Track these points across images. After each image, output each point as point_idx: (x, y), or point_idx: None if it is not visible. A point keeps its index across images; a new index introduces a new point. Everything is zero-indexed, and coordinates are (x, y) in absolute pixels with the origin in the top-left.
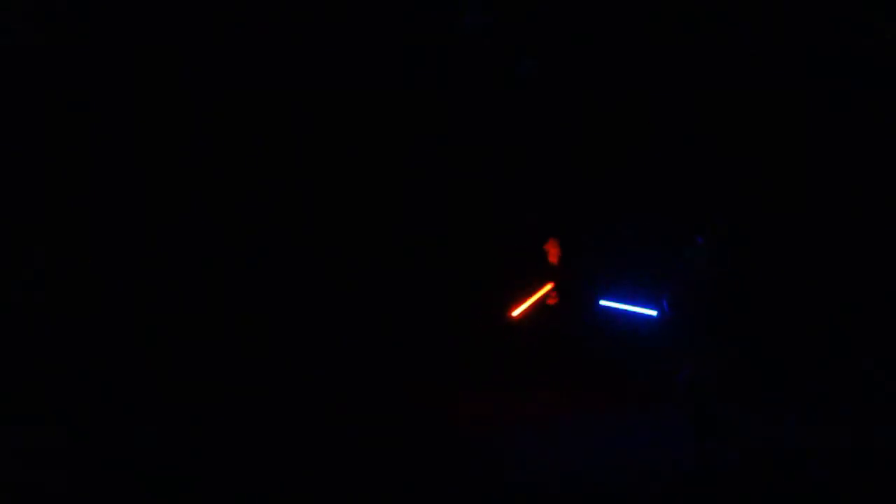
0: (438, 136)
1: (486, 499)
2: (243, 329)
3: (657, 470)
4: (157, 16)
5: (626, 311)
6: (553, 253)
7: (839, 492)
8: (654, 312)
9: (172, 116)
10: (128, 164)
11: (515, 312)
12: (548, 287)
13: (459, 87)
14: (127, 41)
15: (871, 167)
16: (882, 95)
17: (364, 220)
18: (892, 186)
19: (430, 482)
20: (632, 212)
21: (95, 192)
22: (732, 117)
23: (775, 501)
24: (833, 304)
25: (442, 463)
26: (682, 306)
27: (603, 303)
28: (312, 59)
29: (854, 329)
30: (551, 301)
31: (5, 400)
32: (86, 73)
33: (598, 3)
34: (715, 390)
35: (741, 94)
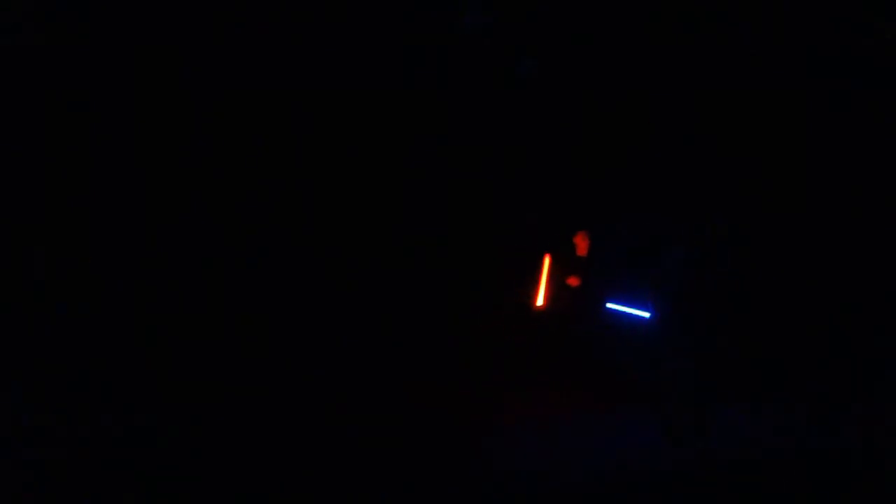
0: (438, 136)
1: (486, 499)
2: (243, 329)
3: (657, 470)
4: (157, 16)
5: (625, 312)
6: (582, 246)
7: (839, 492)
8: (647, 314)
9: (172, 116)
10: (128, 164)
11: (539, 301)
12: (547, 261)
13: (459, 87)
14: (127, 41)
15: (872, 167)
16: (882, 95)
17: (364, 220)
18: (892, 186)
19: (430, 482)
20: (631, 211)
21: (95, 192)
22: (732, 117)
23: (774, 501)
24: (833, 304)
25: (442, 463)
26: (671, 306)
27: (609, 305)
28: (312, 59)
29: (854, 329)
30: (573, 282)
31: (5, 400)
32: (86, 73)
33: (598, 3)
34: (714, 389)
35: (741, 94)
